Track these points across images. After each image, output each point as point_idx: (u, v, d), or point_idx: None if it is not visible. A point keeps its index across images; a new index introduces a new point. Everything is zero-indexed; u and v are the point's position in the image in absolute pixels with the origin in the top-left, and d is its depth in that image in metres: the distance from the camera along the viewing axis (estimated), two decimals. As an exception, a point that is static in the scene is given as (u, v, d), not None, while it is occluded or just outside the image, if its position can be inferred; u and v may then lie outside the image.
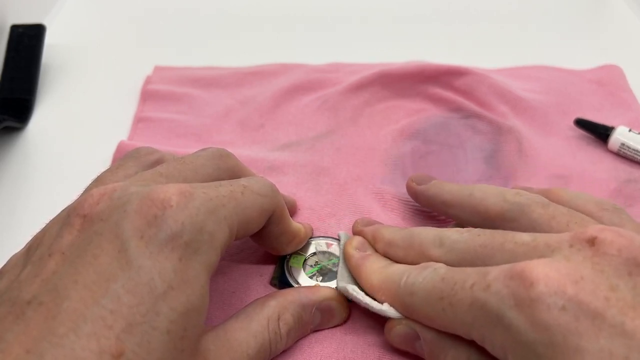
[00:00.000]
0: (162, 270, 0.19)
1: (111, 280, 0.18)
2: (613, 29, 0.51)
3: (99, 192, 0.21)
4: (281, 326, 0.23)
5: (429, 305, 0.22)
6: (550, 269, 0.18)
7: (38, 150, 0.38)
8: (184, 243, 0.19)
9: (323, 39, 0.49)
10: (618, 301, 0.17)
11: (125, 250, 0.19)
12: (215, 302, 0.27)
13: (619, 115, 0.39)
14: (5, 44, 0.42)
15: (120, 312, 0.18)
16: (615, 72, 0.43)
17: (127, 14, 0.52)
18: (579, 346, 0.17)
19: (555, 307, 0.18)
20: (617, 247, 0.19)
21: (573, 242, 0.20)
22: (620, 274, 0.18)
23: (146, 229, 0.19)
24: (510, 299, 0.18)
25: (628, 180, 0.34)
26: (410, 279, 0.23)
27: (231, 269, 0.28)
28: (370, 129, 0.38)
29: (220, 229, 0.21)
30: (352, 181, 0.34)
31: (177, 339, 0.18)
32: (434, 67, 0.41)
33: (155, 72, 0.43)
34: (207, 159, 0.25)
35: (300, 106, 0.40)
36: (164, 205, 0.19)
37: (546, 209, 0.24)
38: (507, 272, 0.19)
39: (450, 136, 0.37)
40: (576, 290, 0.18)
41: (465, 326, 0.20)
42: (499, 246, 0.22)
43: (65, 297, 0.18)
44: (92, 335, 0.17)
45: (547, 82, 0.42)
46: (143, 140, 0.37)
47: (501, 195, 0.25)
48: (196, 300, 0.19)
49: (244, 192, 0.23)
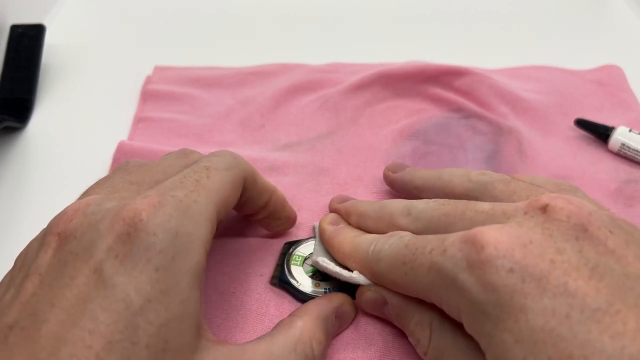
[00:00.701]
0: (138, 285, 0.19)
1: (88, 301, 0.18)
2: (613, 29, 0.51)
3: (72, 209, 0.21)
4: (314, 346, 0.23)
5: (393, 271, 0.23)
6: (500, 233, 0.19)
7: (38, 150, 0.38)
8: (159, 252, 0.19)
9: (323, 38, 0.49)
10: (563, 263, 0.18)
11: (100, 271, 0.19)
12: (215, 302, 0.27)
13: (619, 116, 0.39)
14: (5, 44, 0.43)
15: (98, 331, 0.18)
16: (616, 72, 0.43)
17: (127, 14, 0.52)
18: (524, 305, 0.18)
19: (503, 269, 0.19)
20: (566, 214, 0.20)
21: (527, 210, 0.21)
22: (567, 238, 0.19)
23: (120, 248, 0.19)
24: (463, 262, 0.20)
25: (628, 181, 0.34)
26: (377, 247, 0.24)
27: (231, 269, 0.28)
28: (370, 129, 0.38)
29: (198, 225, 0.21)
30: (352, 181, 0.34)
31: (157, 351, 0.18)
32: (435, 67, 0.41)
33: (155, 72, 0.44)
34: (174, 159, 0.25)
35: (300, 106, 0.40)
36: (135, 222, 0.19)
37: (507, 185, 0.25)
38: (461, 237, 0.20)
39: (450, 136, 0.37)
40: (524, 254, 0.19)
41: (425, 289, 0.22)
42: (460, 214, 0.23)
43: (44, 320, 0.18)
44: (72, 356, 0.17)
45: (547, 82, 0.42)
46: (143, 140, 0.37)
47: (466, 176, 0.27)
48: (177, 309, 0.19)
49: (209, 175, 0.23)
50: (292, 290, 0.27)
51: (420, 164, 0.36)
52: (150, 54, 0.46)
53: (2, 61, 0.42)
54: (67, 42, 0.47)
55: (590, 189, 0.34)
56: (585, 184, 0.34)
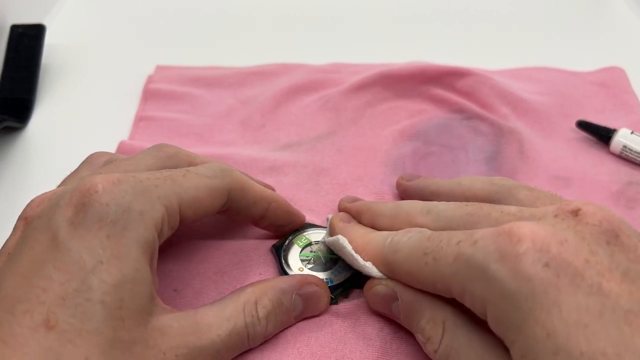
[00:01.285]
0: (91, 248, 0.20)
1: (42, 264, 0.20)
2: (614, 29, 0.51)
3: (40, 198, 0.23)
4: (259, 309, 0.24)
5: (411, 261, 0.23)
6: (538, 228, 0.20)
7: (38, 150, 0.38)
8: (110, 222, 0.21)
9: (325, 39, 0.49)
10: (597, 264, 0.19)
11: (56, 237, 0.20)
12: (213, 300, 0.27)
13: (621, 118, 0.39)
14: (5, 44, 0.43)
15: (51, 288, 0.19)
16: (618, 74, 0.43)
17: (127, 14, 0.52)
18: (558, 299, 0.18)
19: (539, 263, 0.19)
20: (598, 219, 0.20)
21: (558, 213, 0.21)
22: (599, 242, 0.20)
23: (75, 216, 0.21)
24: (496, 253, 0.20)
25: (630, 183, 0.34)
26: (395, 238, 0.24)
27: (230, 268, 0.28)
28: (371, 129, 0.38)
29: (152, 207, 0.22)
30: (352, 182, 0.34)
31: (113, 308, 0.20)
32: (436, 68, 0.41)
33: (157, 71, 0.44)
34: (146, 153, 0.26)
35: (301, 106, 0.40)
36: (91, 192, 0.21)
37: (532, 191, 0.25)
38: (495, 230, 0.20)
39: (451, 137, 0.38)
40: (560, 250, 0.19)
41: (445, 280, 0.21)
42: (486, 215, 0.23)
43: (3, 287, 0.20)
44: (26, 312, 0.19)
45: (549, 83, 0.42)
46: (144, 139, 0.38)
47: (489, 180, 0.27)
48: (130, 272, 0.20)
49: (185, 175, 0.24)
50: (278, 261, 0.28)
51: (420, 164, 0.36)
52: (150, 54, 0.46)
53: (2, 61, 0.42)
54: (67, 42, 0.48)
55: (591, 190, 0.34)
56: (586, 186, 0.34)
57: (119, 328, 0.20)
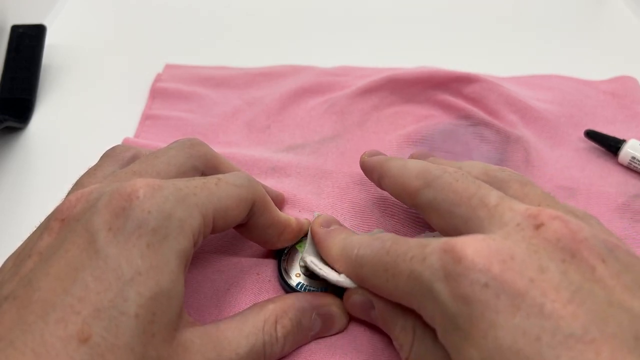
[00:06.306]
0: (129, 257, 0.20)
1: (80, 270, 0.20)
2: (625, 38, 0.53)
3: (75, 197, 0.23)
4: (278, 329, 0.25)
5: (376, 277, 0.24)
6: (481, 246, 0.20)
7: (38, 151, 0.40)
8: (151, 230, 0.21)
9: (335, 40, 0.51)
10: (543, 282, 0.19)
11: (94, 242, 0.20)
12: (211, 300, 0.28)
13: (632, 129, 0.41)
14: (6, 44, 0.45)
15: (87, 298, 0.19)
16: (630, 83, 0.44)
17: (127, 14, 0.54)
18: (495, 322, 0.18)
19: (478, 283, 0.19)
20: (557, 236, 0.20)
21: (521, 221, 0.21)
22: (553, 258, 0.20)
23: (114, 221, 0.21)
24: (440, 272, 0.20)
25: (636, 196, 0.35)
26: (360, 252, 0.25)
27: (229, 267, 0.30)
28: (376, 133, 0.40)
29: (190, 215, 0.22)
30: (354, 185, 0.36)
31: (146, 323, 0.20)
32: (444, 73, 0.42)
33: (165, 70, 0.46)
34: (178, 150, 0.27)
35: (307, 109, 0.42)
36: (131, 198, 0.21)
37: (522, 187, 0.25)
38: (442, 245, 0.21)
39: (457, 144, 0.39)
40: (502, 269, 0.19)
41: (405, 296, 0.23)
42: (467, 199, 0.24)
43: (36, 289, 0.20)
44: (59, 321, 0.19)
45: (559, 92, 0.44)
46: (149, 137, 0.40)
47: (484, 169, 0.27)
48: (166, 284, 0.21)
49: (217, 184, 0.25)
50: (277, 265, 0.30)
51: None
52: (150, 55, 0.48)
53: (2, 61, 0.44)
54: (67, 42, 0.50)
55: (596, 202, 0.35)
56: (591, 197, 0.35)
57: (148, 344, 0.20)
